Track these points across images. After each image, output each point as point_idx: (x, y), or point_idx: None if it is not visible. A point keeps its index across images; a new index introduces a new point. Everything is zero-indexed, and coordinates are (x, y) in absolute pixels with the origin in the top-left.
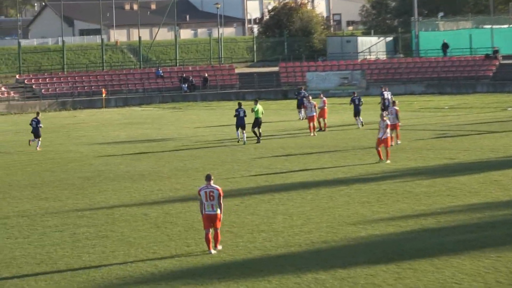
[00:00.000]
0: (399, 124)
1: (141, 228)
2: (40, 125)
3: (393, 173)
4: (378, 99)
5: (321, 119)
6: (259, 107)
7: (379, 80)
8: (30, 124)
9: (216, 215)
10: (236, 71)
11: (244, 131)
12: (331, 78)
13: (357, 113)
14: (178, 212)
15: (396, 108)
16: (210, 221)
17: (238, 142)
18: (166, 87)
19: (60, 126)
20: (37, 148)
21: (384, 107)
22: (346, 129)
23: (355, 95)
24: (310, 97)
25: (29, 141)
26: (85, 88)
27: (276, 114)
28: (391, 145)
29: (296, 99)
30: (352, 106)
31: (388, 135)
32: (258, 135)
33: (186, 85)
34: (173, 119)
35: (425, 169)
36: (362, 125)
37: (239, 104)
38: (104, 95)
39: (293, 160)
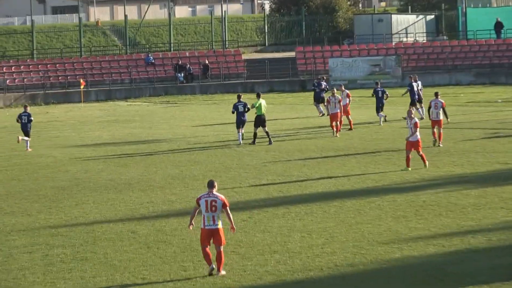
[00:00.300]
0: (448, 121)
1: (128, 249)
2: (31, 118)
3: (434, 181)
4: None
5: (343, 117)
6: (262, 101)
7: (418, 68)
8: (18, 121)
9: (217, 229)
10: (244, 57)
11: (242, 130)
12: (359, 66)
13: (379, 107)
14: (173, 229)
15: (442, 100)
16: (210, 237)
17: (239, 145)
18: (158, 77)
19: None
20: (27, 149)
21: (414, 101)
22: (377, 127)
23: (379, 86)
24: (335, 89)
25: (18, 137)
26: (60, 78)
27: (292, 109)
28: (439, 145)
29: (313, 90)
30: (374, 98)
31: (419, 136)
32: (267, 135)
33: (182, 74)
34: (167, 116)
35: (474, 176)
36: (385, 120)
37: (239, 97)
38: (82, 87)
39: (313, 165)
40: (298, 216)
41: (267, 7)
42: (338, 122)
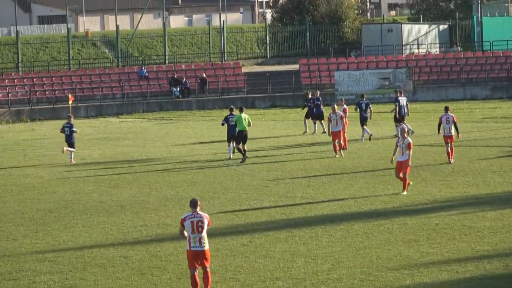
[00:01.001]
0: (459, 136)
1: (120, 276)
2: (74, 129)
3: (448, 202)
4: (425, 105)
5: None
6: (245, 117)
7: (430, 82)
8: (62, 131)
9: (204, 251)
10: (244, 70)
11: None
12: (367, 79)
13: (363, 121)
14: (168, 254)
15: (453, 115)
16: (197, 258)
17: (229, 160)
18: (152, 91)
19: (14, 143)
20: (71, 161)
21: (400, 116)
22: (386, 144)
23: (363, 99)
24: (335, 105)
25: (63, 148)
26: (46, 93)
27: (296, 126)
28: (450, 161)
29: (306, 106)
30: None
31: (409, 157)
32: (243, 152)
33: (178, 88)
34: (162, 134)
35: (490, 198)
36: (370, 138)
37: (231, 109)
38: (70, 102)
39: (318, 186)
40: (302, 240)
41: (268, 16)
42: (341, 141)
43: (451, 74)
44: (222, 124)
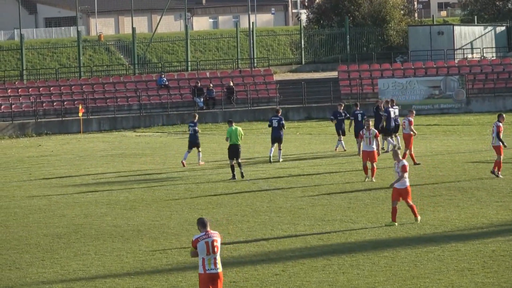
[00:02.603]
0: (502, 146)
1: None
2: (197, 129)
3: (506, 226)
4: (480, 117)
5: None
6: (238, 129)
7: (486, 90)
8: (189, 130)
9: (218, 274)
10: (275, 77)
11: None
12: (415, 88)
13: (358, 132)
14: (191, 284)
15: (500, 124)
16: (213, 282)
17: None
18: (172, 102)
19: (18, 161)
20: (199, 162)
21: (389, 130)
22: (436, 161)
23: (358, 108)
24: (370, 122)
25: (182, 162)
26: (54, 104)
27: (334, 140)
28: (498, 175)
29: (332, 120)
30: (351, 121)
31: (408, 183)
32: (239, 166)
33: (202, 99)
34: (183, 150)
35: None
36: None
37: (277, 111)
38: (81, 114)
39: (360, 208)
40: (341, 269)
41: (303, 17)
42: (373, 163)
43: (510, 81)
44: (269, 126)
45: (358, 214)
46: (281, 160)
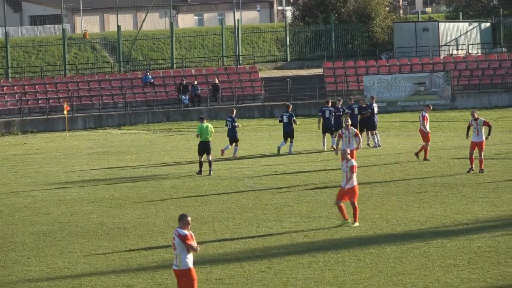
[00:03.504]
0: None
1: None
2: (236, 124)
3: (491, 222)
4: (465, 114)
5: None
6: (208, 126)
7: (471, 87)
8: (226, 125)
9: (175, 271)
10: (261, 75)
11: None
12: (400, 85)
13: (326, 129)
14: (176, 282)
15: (482, 119)
16: (177, 279)
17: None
18: (158, 99)
19: (3, 159)
20: (234, 154)
21: (373, 126)
22: (421, 158)
23: (329, 105)
24: (349, 121)
25: (222, 150)
26: (39, 102)
27: (320, 137)
28: (481, 170)
29: (320, 117)
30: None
31: (355, 183)
32: (209, 164)
33: (188, 96)
34: (169, 147)
35: None
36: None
37: (287, 107)
38: (66, 112)
39: (345, 205)
40: (327, 265)
41: (289, 14)
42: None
43: (495, 78)
44: (280, 121)
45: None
46: (292, 152)
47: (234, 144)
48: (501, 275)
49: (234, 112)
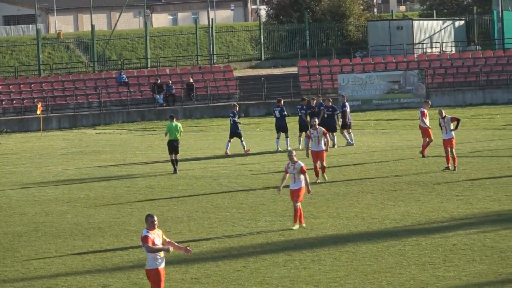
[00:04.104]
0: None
1: None
2: (237, 120)
3: (466, 220)
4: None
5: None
6: (177, 125)
7: (445, 85)
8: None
9: (145, 271)
10: (235, 74)
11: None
12: (375, 83)
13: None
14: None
15: (449, 116)
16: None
17: (276, 152)
18: (132, 99)
19: None
20: (245, 149)
21: (346, 125)
22: (396, 156)
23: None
24: (316, 120)
25: (226, 152)
26: (14, 102)
27: (295, 136)
28: (454, 168)
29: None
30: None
31: (303, 184)
32: (175, 162)
33: (162, 95)
34: (144, 147)
35: None
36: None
37: (278, 101)
38: (39, 112)
39: (320, 203)
40: (302, 264)
41: (263, 13)
42: (323, 162)
43: (469, 76)
44: (274, 116)
45: (319, 209)
46: (288, 148)
47: (240, 140)
48: (477, 273)
49: (237, 108)
